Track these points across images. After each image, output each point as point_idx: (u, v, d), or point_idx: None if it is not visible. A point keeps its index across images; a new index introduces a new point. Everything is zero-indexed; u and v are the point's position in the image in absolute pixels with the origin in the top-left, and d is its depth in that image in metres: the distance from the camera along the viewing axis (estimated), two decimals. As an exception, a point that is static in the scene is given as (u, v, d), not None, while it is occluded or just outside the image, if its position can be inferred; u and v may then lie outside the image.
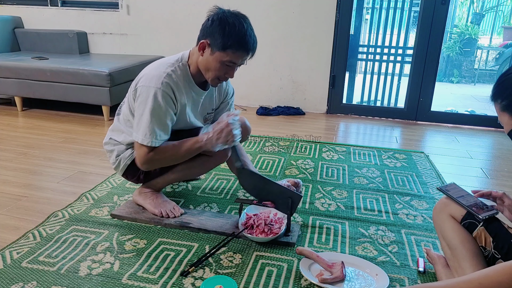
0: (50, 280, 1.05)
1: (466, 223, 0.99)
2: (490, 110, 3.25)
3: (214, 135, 1.19)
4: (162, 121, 1.20)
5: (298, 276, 1.09)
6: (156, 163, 1.27)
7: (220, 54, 1.16)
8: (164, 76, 1.19)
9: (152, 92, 1.18)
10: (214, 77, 1.22)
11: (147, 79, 1.20)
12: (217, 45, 1.15)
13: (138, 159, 1.24)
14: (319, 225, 1.37)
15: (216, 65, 1.18)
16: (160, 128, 1.21)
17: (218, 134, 1.18)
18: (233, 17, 1.15)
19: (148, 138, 1.19)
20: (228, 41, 1.14)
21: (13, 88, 2.68)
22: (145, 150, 1.21)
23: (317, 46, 2.83)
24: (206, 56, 1.19)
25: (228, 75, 1.22)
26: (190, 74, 1.26)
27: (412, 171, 1.87)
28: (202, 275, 1.08)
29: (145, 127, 1.19)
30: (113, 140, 1.37)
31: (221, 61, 1.17)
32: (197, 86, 1.28)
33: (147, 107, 1.18)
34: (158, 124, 1.20)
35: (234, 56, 1.16)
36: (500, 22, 5.34)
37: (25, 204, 1.47)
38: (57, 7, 3.22)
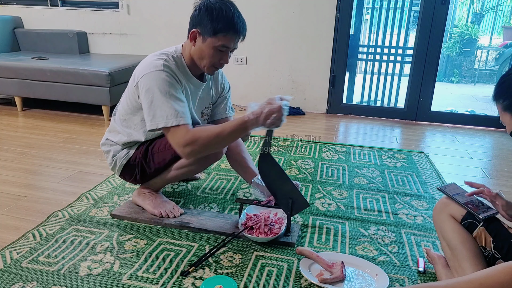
0: (50, 280, 1.05)
1: (466, 223, 0.99)
2: (490, 110, 3.24)
3: (263, 115, 1.09)
4: (176, 97, 1.15)
5: (298, 276, 1.09)
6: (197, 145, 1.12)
7: (212, 40, 1.17)
8: (161, 63, 1.19)
9: (154, 75, 1.16)
10: (209, 64, 1.22)
11: (145, 68, 1.20)
12: (208, 31, 1.16)
13: (178, 144, 1.13)
14: (319, 225, 1.37)
15: (209, 52, 1.19)
16: (178, 104, 1.15)
17: (268, 115, 1.09)
18: (219, 2, 1.17)
19: (173, 116, 1.12)
20: (217, 25, 1.14)
21: (13, 88, 2.68)
22: (181, 131, 1.12)
23: (317, 46, 2.83)
24: (199, 45, 1.20)
25: (222, 60, 1.22)
26: (186, 66, 1.25)
27: (412, 171, 1.87)
28: (202, 275, 1.08)
29: (163, 110, 1.13)
30: (109, 141, 1.37)
31: (213, 46, 1.17)
32: (194, 78, 1.28)
33: (155, 91, 1.15)
34: (174, 100, 1.14)
35: (225, 40, 1.17)
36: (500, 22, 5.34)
37: (25, 204, 1.47)
38: (57, 7, 3.22)
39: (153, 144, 1.32)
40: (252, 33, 3.09)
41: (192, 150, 1.14)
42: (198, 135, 1.13)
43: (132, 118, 1.31)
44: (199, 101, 1.35)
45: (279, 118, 1.10)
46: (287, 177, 1.24)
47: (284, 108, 1.11)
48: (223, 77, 1.46)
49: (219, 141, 1.15)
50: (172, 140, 1.15)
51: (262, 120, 1.10)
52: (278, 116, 1.10)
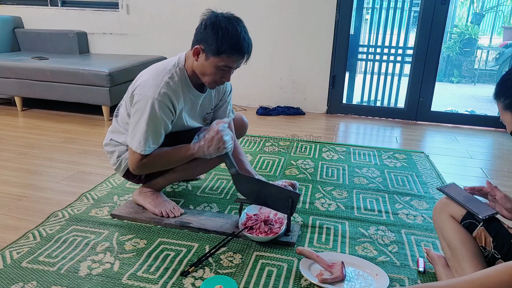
0: (50, 280, 1.04)
1: (466, 223, 0.99)
2: (490, 110, 3.25)
3: (206, 144, 1.21)
4: (157, 130, 1.22)
5: (298, 276, 1.09)
6: (148, 168, 1.30)
7: (215, 59, 1.16)
8: (162, 86, 1.19)
9: (149, 102, 1.18)
10: (211, 81, 1.22)
11: (144, 88, 1.20)
12: (211, 50, 1.14)
13: (130, 165, 1.27)
14: (319, 225, 1.37)
15: (211, 70, 1.18)
16: (154, 137, 1.23)
17: (209, 142, 1.20)
18: (226, 21, 1.14)
19: (142, 146, 1.21)
20: (222, 46, 1.13)
21: (13, 88, 2.68)
22: (138, 157, 1.24)
23: (317, 46, 2.83)
24: (201, 61, 1.19)
25: (224, 78, 1.22)
26: (188, 77, 1.26)
27: (412, 171, 1.87)
28: (202, 275, 1.08)
29: (140, 136, 1.21)
30: (114, 141, 1.37)
31: (216, 66, 1.17)
32: (195, 89, 1.29)
33: (143, 116, 1.19)
34: (152, 133, 1.21)
35: (229, 61, 1.16)
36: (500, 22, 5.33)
37: (25, 204, 1.47)
38: (57, 7, 3.22)
39: None
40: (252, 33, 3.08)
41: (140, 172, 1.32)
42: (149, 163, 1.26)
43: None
44: (200, 109, 1.36)
45: (219, 140, 1.19)
46: (265, 183, 1.28)
47: (222, 129, 1.18)
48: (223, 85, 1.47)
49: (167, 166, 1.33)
50: (130, 160, 1.27)
51: (207, 149, 1.21)
52: (218, 138, 1.19)
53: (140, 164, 1.25)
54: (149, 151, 1.23)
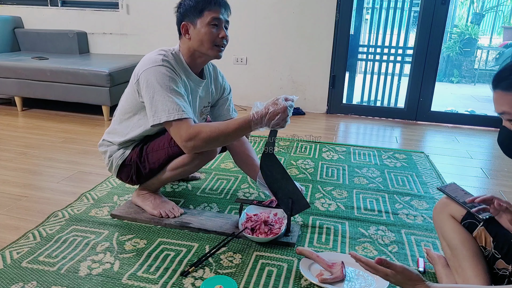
0: (50, 280, 1.04)
1: (466, 223, 0.99)
2: (490, 110, 3.24)
3: (268, 115, 1.09)
4: (177, 91, 1.15)
5: (298, 276, 1.09)
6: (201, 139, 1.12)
7: (201, 20, 1.20)
8: (161, 59, 1.19)
9: (154, 70, 1.17)
10: (211, 44, 1.22)
11: (144, 65, 1.20)
12: (194, 16, 1.20)
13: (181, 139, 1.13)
14: (319, 225, 1.36)
15: (205, 31, 1.20)
16: (180, 99, 1.15)
17: (273, 115, 1.09)
18: None
19: (173, 111, 1.11)
20: (199, 5, 1.19)
21: (13, 88, 2.68)
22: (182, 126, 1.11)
23: (317, 46, 2.83)
24: (193, 33, 1.22)
25: (221, 35, 1.22)
26: (184, 62, 1.26)
27: (412, 171, 1.87)
28: (202, 275, 1.08)
29: (165, 103, 1.12)
30: (106, 141, 1.37)
31: (205, 25, 1.20)
32: (194, 74, 1.29)
33: (155, 85, 1.14)
34: (175, 94, 1.14)
35: (212, 13, 1.20)
36: (500, 22, 5.33)
37: (25, 204, 1.47)
38: (57, 7, 3.22)
39: (148, 144, 1.32)
40: (252, 33, 3.09)
41: (195, 145, 1.13)
42: (201, 130, 1.12)
43: (132, 117, 1.30)
44: (198, 100, 1.35)
45: (283, 119, 1.10)
46: (289, 177, 1.23)
47: (289, 109, 1.10)
48: (223, 78, 1.46)
49: (222, 138, 1.14)
50: (175, 134, 1.14)
51: (267, 121, 1.10)
52: (283, 117, 1.09)
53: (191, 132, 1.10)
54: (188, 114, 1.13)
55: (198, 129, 1.12)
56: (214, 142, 1.15)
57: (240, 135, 1.17)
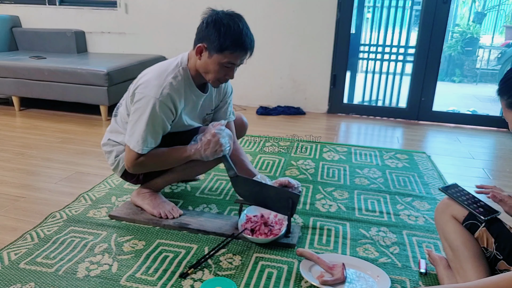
0: (48, 281, 1.03)
1: (468, 224, 0.99)
2: (492, 110, 3.23)
3: (202, 147, 1.20)
4: (156, 130, 1.21)
5: (298, 278, 1.08)
6: (144, 168, 1.28)
7: (218, 57, 1.15)
8: (164, 86, 1.18)
9: (151, 102, 1.17)
10: (214, 79, 1.21)
11: (147, 87, 1.19)
12: (214, 47, 1.14)
13: (127, 163, 1.26)
14: (319, 226, 1.35)
15: (215, 68, 1.17)
16: (153, 137, 1.22)
17: (206, 145, 1.20)
18: (227, 17, 1.14)
19: (139, 145, 1.20)
20: (224, 43, 1.12)
21: (10, 88, 2.67)
22: (134, 155, 1.22)
23: (318, 45, 2.81)
24: (204, 60, 1.18)
25: (228, 76, 1.21)
26: (190, 77, 1.25)
27: (413, 172, 1.86)
28: (201, 277, 1.07)
29: (138, 135, 1.19)
30: (112, 141, 1.36)
31: (219, 63, 1.16)
32: (197, 89, 1.28)
33: (143, 116, 1.18)
34: (151, 133, 1.20)
35: (232, 57, 1.15)
36: (502, 21, 5.32)
37: (23, 205, 1.45)
38: (55, 6, 3.20)
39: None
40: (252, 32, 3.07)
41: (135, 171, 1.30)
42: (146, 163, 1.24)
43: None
44: (200, 109, 1.35)
45: (216, 143, 1.18)
46: (264, 184, 1.27)
47: (218, 132, 1.18)
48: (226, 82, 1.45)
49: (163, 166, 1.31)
50: (126, 159, 1.26)
51: (203, 152, 1.21)
52: (215, 141, 1.19)
53: (136, 163, 1.23)
54: (146, 150, 1.22)
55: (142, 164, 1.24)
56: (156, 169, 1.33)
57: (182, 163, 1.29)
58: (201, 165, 1.34)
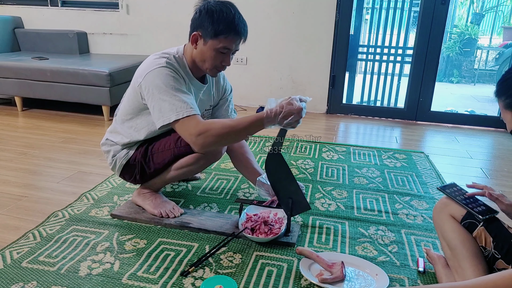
0: (50, 280, 1.04)
1: (466, 223, 0.99)
2: (490, 110, 3.25)
3: (283, 114, 1.07)
4: (182, 90, 1.15)
5: (298, 276, 1.09)
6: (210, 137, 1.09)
7: (213, 42, 1.17)
8: (164, 61, 1.19)
9: (157, 72, 1.16)
10: (211, 66, 1.22)
11: (147, 68, 1.19)
12: (209, 33, 1.16)
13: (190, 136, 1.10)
14: (319, 225, 1.37)
15: (211, 54, 1.19)
16: (186, 97, 1.13)
17: (287, 114, 1.08)
18: (219, 4, 1.17)
19: (181, 109, 1.10)
20: (218, 27, 1.14)
21: (13, 88, 2.68)
22: (193, 122, 1.09)
23: (317, 46, 2.83)
24: (200, 48, 1.20)
25: (224, 62, 1.22)
26: (187, 66, 1.25)
27: (412, 171, 1.87)
28: (202, 275, 1.08)
29: (172, 103, 1.11)
30: (110, 141, 1.37)
31: (215, 48, 1.17)
32: (196, 79, 1.28)
33: (160, 85, 1.14)
34: (181, 93, 1.13)
35: (226, 41, 1.17)
36: (500, 22, 5.33)
37: (25, 204, 1.47)
38: (57, 7, 3.22)
39: (153, 144, 1.32)
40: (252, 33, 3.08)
41: (205, 141, 1.10)
42: (211, 126, 1.10)
43: (134, 118, 1.30)
44: (199, 103, 1.34)
45: (297, 120, 1.10)
46: (293, 178, 1.23)
47: (304, 110, 1.10)
48: (224, 79, 1.46)
49: (232, 134, 1.11)
50: (185, 131, 1.12)
51: (280, 119, 1.08)
52: (297, 118, 1.09)
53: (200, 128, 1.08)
54: (196, 110, 1.11)
55: (208, 125, 1.10)
56: (225, 138, 1.13)
57: (252, 132, 1.14)
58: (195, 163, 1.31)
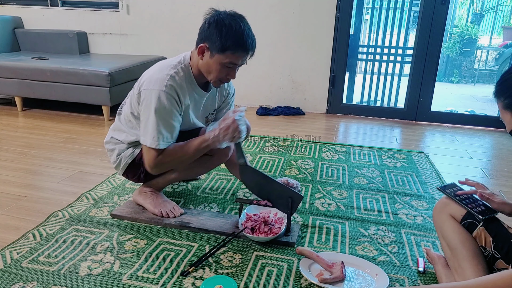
0: (50, 280, 1.05)
1: (466, 223, 0.99)
2: (490, 110, 3.25)
3: (221, 132, 1.17)
4: (169, 122, 1.20)
5: (298, 276, 1.09)
6: (165, 165, 1.26)
7: (220, 57, 1.16)
8: (167, 79, 1.19)
9: (156, 94, 1.17)
10: (216, 79, 1.22)
11: (150, 82, 1.20)
12: (216, 47, 1.15)
13: (147, 163, 1.24)
14: (319, 225, 1.37)
15: (216, 68, 1.18)
16: (167, 129, 1.20)
17: (225, 131, 1.16)
18: (229, 18, 1.15)
19: (156, 141, 1.19)
20: (226, 43, 1.13)
21: (13, 88, 2.68)
22: (153, 154, 1.21)
23: (317, 46, 2.83)
24: (206, 59, 1.19)
25: (229, 76, 1.22)
26: (192, 75, 1.26)
27: (412, 171, 1.87)
28: (202, 275, 1.08)
29: (152, 130, 1.18)
30: (114, 139, 1.37)
31: (221, 63, 1.17)
32: (199, 87, 1.29)
33: (152, 110, 1.18)
34: (164, 125, 1.19)
35: (233, 57, 1.17)
36: (500, 22, 5.34)
37: (25, 204, 1.47)
38: (57, 7, 3.22)
39: None
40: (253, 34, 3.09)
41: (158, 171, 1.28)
42: (165, 160, 1.22)
43: (137, 120, 1.31)
44: (203, 109, 1.36)
45: (235, 130, 1.16)
46: (271, 179, 1.27)
47: (238, 118, 1.16)
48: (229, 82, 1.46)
49: (183, 161, 1.27)
50: (145, 157, 1.24)
51: (222, 137, 1.18)
52: (234, 127, 1.16)
53: (156, 162, 1.21)
54: (164, 145, 1.20)
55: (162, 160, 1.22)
56: (177, 166, 1.31)
57: (201, 153, 1.25)
58: (202, 165, 1.36)
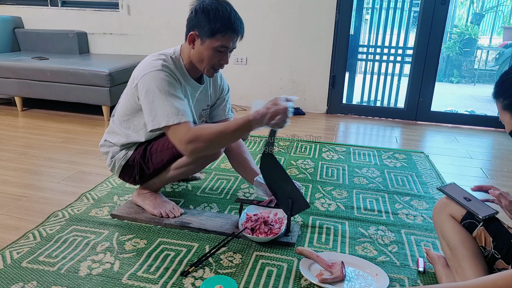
0: (50, 280, 1.05)
1: (466, 223, 0.99)
2: (490, 110, 3.25)
3: (269, 115, 1.08)
4: (177, 96, 1.15)
5: (298, 276, 1.09)
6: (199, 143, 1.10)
7: (210, 41, 1.17)
8: (160, 63, 1.19)
9: (152, 75, 1.16)
10: (209, 66, 1.22)
11: (143, 69, 1.19)
12: (206, 32, 1.16)
13: (179, 144, 1.11)
14: (319, 225, 1.37)
15: (208, 53, 1.19)
16: (179, 103, 1.14)
17: (274, 115, 1.08)
18: (215, 3, 1.17)
19: (173, 116, 1.11)
20: (215, 26, 1.14)
21: (13, 88, 2.68)
22: (182, 130, 1.10)
23: (317, 46, 2.83)
24: (197, 47, 1.20)
25: (222, 61, 1.22)
26: (184, 67, 1.25)
27: (412, 171, 1.87)
28: (202, 275, 1.08)
29: (164, 108, 1.12)
30: (108, 142, 1.37)
31: (212, 47, 1.17)
32: (192, 79, 1.28)
33: (155, 89, 1.14)
34: (175, 99, 1.13)
35: (224, 40, 1.17)
36: (500, 22, 5.34)
37: (25, 204, 1.47)
38: (57, 7, 3.22)
39: (152, 144, 1.32)
40: (252, 33, 3.09)
41: (195, 148, 1.11)
42: (201, 132, 1.10)
43: (132, 119, 1.31)
44: (196, 103, 1.35)
45: (283, 120, 1.09)
46: (288, 178, 1.23)
47: (290, 109, 1.09)
48: (222, 79, 1.46)
49: (222, 139, 1.13)
50: (174, 138, 1.13)
51: (267, 120, 1.08)
52: (283, 118, 1.08)
53: (188, 138, 1.08)
54: (187, 117, 1.11)
55: (198, 132, 1.11)
56: (214, 144, 1.14)
57: (240, 135, 1.17)
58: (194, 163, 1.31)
